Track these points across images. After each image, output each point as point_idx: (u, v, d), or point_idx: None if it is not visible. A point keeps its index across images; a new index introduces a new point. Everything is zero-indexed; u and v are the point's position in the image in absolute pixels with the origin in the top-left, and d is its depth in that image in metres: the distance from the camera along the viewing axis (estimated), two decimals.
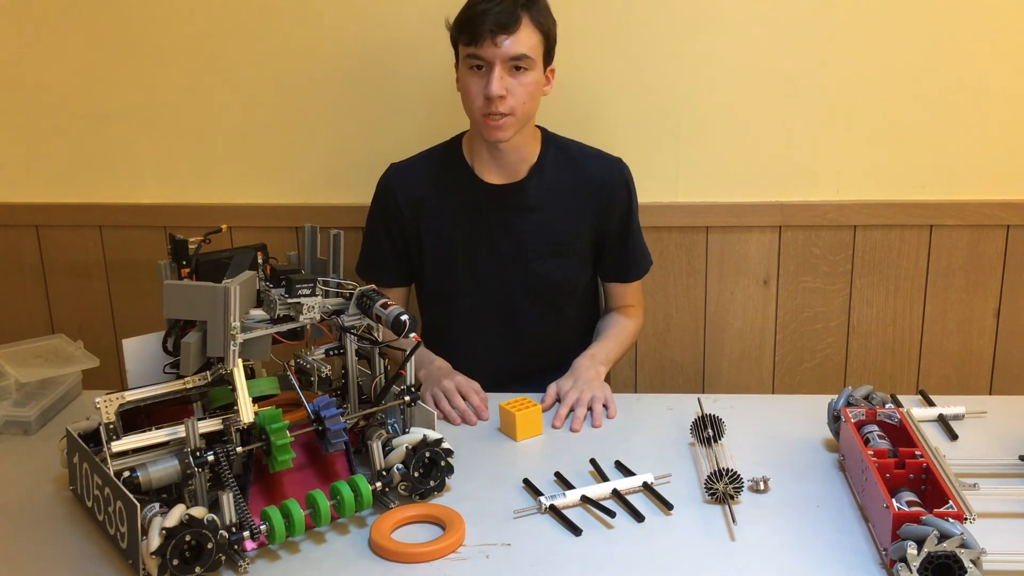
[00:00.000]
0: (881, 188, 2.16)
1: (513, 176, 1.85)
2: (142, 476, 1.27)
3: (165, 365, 1.39)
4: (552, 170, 1.86)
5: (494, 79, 1.68)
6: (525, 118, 1.76)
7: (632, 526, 1.34)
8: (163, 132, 2.23)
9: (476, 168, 1.85)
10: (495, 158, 1.83)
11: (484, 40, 1.67)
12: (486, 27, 1.67)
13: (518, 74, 1.71)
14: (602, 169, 1.88)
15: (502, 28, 1.67)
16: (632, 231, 1.91)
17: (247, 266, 1.43)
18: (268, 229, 2.22)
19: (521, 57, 1.70)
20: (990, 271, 2.19)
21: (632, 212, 1.90)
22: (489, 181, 1.85)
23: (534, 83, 1.74)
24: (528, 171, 1.85)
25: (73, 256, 2.32)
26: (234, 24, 2.15)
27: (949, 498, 1.22)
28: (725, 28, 2.09)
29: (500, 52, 1.68)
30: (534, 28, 1.71)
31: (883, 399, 1.57)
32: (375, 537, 1.30)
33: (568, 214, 1.86)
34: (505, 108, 1.71)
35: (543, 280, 1.86)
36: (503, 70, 1.69)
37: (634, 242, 1.92)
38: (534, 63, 1.72)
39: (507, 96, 1.70)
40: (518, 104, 1.72)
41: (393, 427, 1.47)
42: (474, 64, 1.71)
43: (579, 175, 1.86)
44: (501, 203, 1.85)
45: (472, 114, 1.77)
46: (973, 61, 2.08)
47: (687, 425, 1.58)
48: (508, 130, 1.74)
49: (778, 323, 2.25)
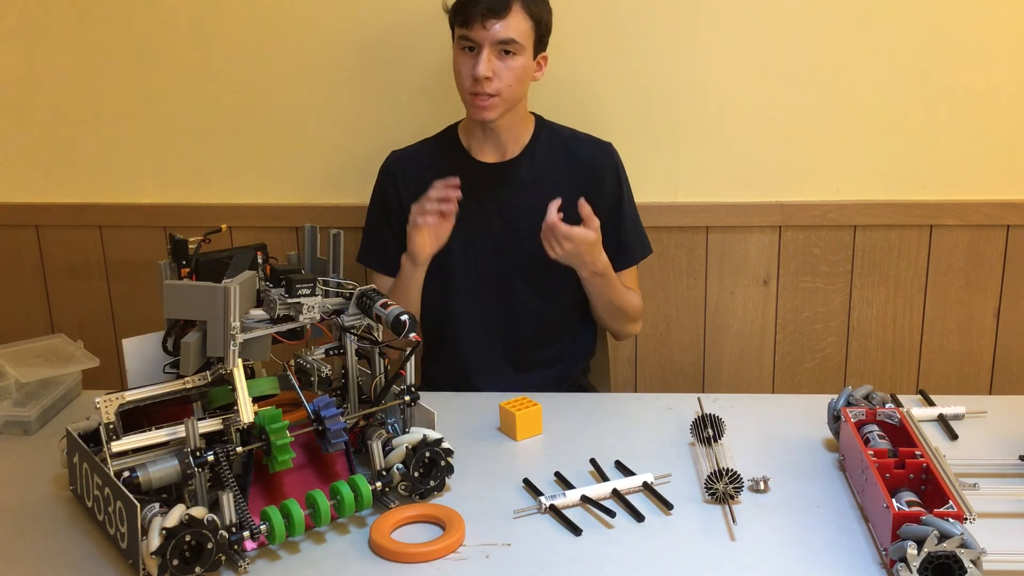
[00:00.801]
0: (881, 188, 2.16)
1: (505, 155, 1.90)
2: (142, 476, 1.27)
3: (165, 365, 1.39)
4: (544, 151, 1.91)
5: (481, 61, 1.75)
6: (512, 100, 1.82)
7: (632, 526, 1.34)
8: (163, 132, 2.23)
9: (471, 148, 1.91)
10: (488, 137, 1.89)
11: (475, 23, 1.75)
12: (478, 11, 1.74)
13: (506, 58, 1.77)
14: (592, 153, 1.92)
15: (492, 12, 1.74)
16: (624, 215, 1.93)
17: (247, 266, 1.43)
18: (268, 229, 2.22)
19: (509, 41, 1.76)
20: (990, 271, 2.19)
21: (622, 196, 1.93)
22: (483, 160, 1.90)
23: (522, 68, 1.79)
24: (521, 151, 1.90)
25: (73, 256, 2.32)
26: (234, 24, 2.15)
27: (949, 498, 1.22)
28: (725, 28, 2.09)
29: (489, 35, 1.75)
30: (525, 15, 1.77)
31: (883, 399, 1.57)
32: (375, 537, 1.30)
33: (559, 194, 1.87)
34: (491, 89, 1.77)
35: (535, 258, 1.86)
36: (491, 53, 1.76)
37: (626, 228, 1.93)
38: (523, 48, 1.78)
39: (493, 78, 1.77)
40: (504, 86, 1.78)
41: (393, 427, 1.47)
42: (465, 45, 1.79)
43: (570, 157, 1.91)
44: (494, 180, 1.90)
45: (462, 94, 1.84)
46: (973, 61, 2.08)
47: (687, 425, 1.58)
48: (493, 111, 1.80)
49: (778, 323, 2.25)
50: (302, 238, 1.55)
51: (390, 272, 1.93)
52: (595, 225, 1.75)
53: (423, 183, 1.88)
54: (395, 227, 1.92)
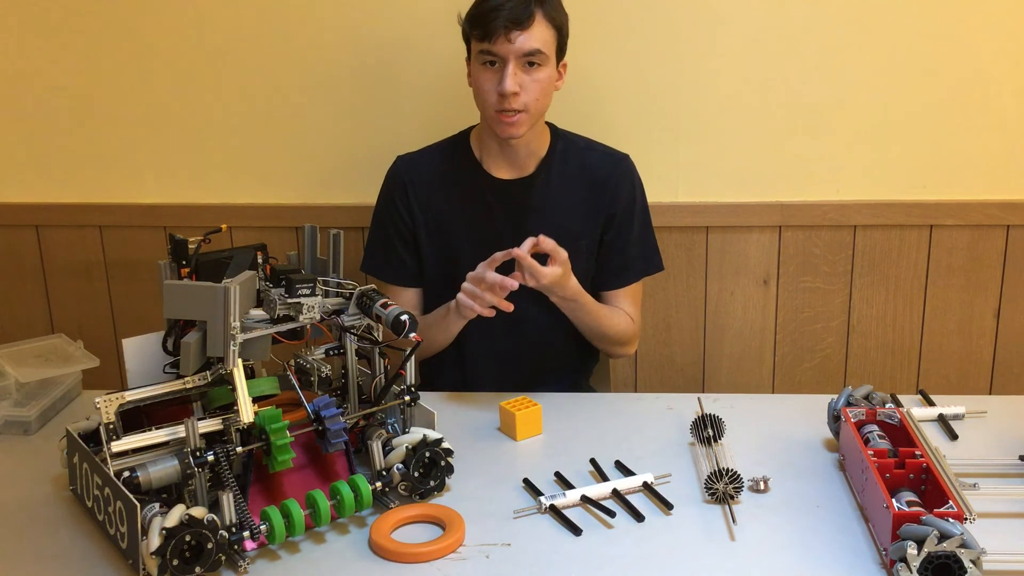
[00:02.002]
0: (881, 188, 2.16)
1: (521, 171, 1.84)
2: (142, 476, 1.27)
3: (165, 365, 1.39)
4: (560, 166, 1.85)
5: (508, 75, 1.67)
6: (538, 114, 1.76)
7: (632, 526, 1.34)
8: (163, 132, 2.23)
9: (485, 163, 1.85)
10: (505, 153, 1.83)
11: (498, 36, 1.66)
12: (500, 23, 1.65)
13: (532, 70, 1.70)
14: (608, 166, 1.87)
15: (516, 24, 1.66)
16: (632, 230, 1.88)
17: (247, 266, 1.43)
18: (268, 229, 2.22)
19: (535, 53, 1.69)
20: (990, 271, 2.19)
21: (634, 210, 1.88)
22: (497, 176, 1.85)
23: (547, 79, 1.73)
24: (536, 166, 1.84)
25: (73, 256, 2.32)
26: (234, 24, 2.15)
27: (949, 498, 1.22)
28: (725, 28, 2.09)
29: (514, 48, 1.67)
30: (547, 23, 1.70)
31: (883, 399, 1.57)
32: (375, 537, 1.30)
33: (575, 210, 1.85)
34: (519, 105, 1.70)
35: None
36: (516, 66, 1.68)
37: (631, 243, 1.88)
38: (547, 59, 1.71)
39: (520, 93, 1.69)
40: (531, 100, 1.71)
41: (393, 427, 1.47)
42: (487, 60, 1.70)
43: (586, 172, 1.86)
44: (508, 198, 1.85)
45: (485, 111, 1.76)
46: (973, 61, 2.08)
47: (687, 425, 1.58)
48: (521, 127, 1.73)
49: (778, 323, 2.25)
50: (302, 238, 1.55)
51: (404, 283, 1.88)
52: (561, 259, 1.67)
53: (434, 194, 1.85)
54: (408, 237, 1.87)
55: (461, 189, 1.86)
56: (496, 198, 1.85)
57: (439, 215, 1.86)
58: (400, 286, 1.90)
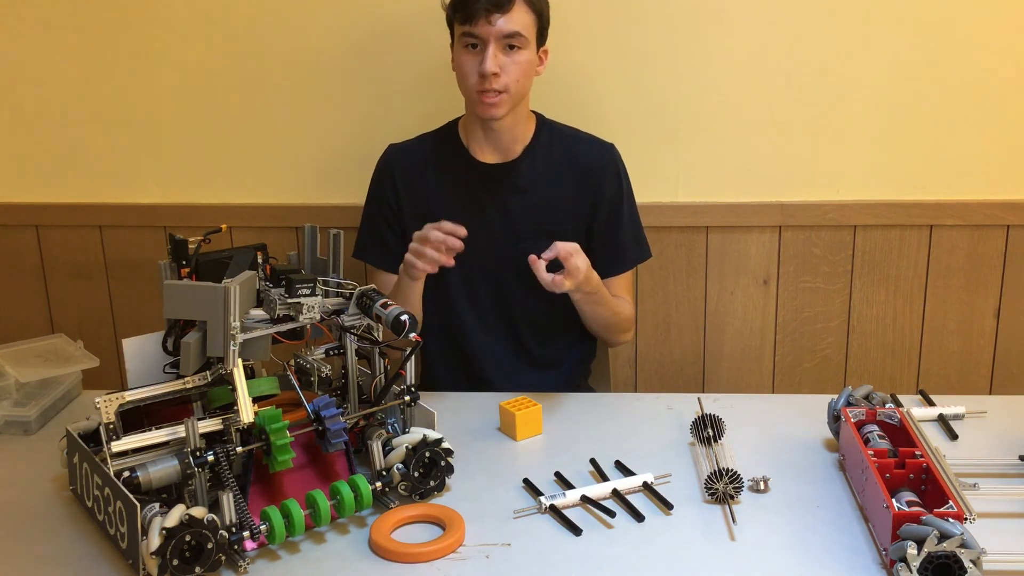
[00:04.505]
0: (881, 188, 2.16)
1: (507, 155, 1.88)
2: (142, 476, 1.27)
3: (165, 365, 1.39)
4: (545, 152, 1.88)
5: (488, 57, 1.73)
6: (519, 96, 1.80)
7: (632, 526, 1.34)
8: (163, 132, 2.23)
9: (471, 148, 1.89)
10: (489, 137, 1.87)
11: (478, 18, 1.72)
12: (480, 5, 1.72)
13: (512, 52, 1.75)
14: (593, 154, 1.90)
15: (496, 7, 1.72)
16: (621, 219, 1.90)
17: (247, 266, 1.43)
18: (268, 229, 2.22)
19: (514, 35, 1.74)
20: (990, 271, 2.19)
21: (622, 198, 1.90)
22: (483, 160, 1.88)
23: (527, 62, 1.78)
24: (522, 151, 1.88)
25: (73, 256, 2.32)
26: (233, 24, 2.15)
27: (949, 498, 1.22)
28: (725, 28, 2.09)
29: (494, 30, 1.73)
30: (527, 8, 1.76)
31: (883, 399, 1.57)
32: (375, 537, 1.30)
33: (560, 196, 1.87)
34: (499, 85, 1.75)
35: None
36: (497, 48, 1.74)
37: (623, 231, 1.91)
38: (527, 42, 1.76)
39: (501, 74, 1.74)
40: (511, 82, 1.76)
41: (393, 427, 1.47)
42: (469, 42, 1.76)
43: (571, 158, 1.89)
44: (494, 182, 1.88)
45: (467, 92, 1.80)
46: (973, 61, 2.08)
47: (687, 425, 1.58)
48: (502, 107, 1.78)
49: (778, 323, 2.25)
50: (302, 238, 1.55)
51: (390, 268, 1.92)
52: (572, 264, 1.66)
53: (421, 181, 1.88)
54: (394, 224, 1.92)
55: (447, 174, 1.89)
56: (481, 181, 1.88)
57: (425, 200, 1.89)
58: (386, 271, 1.93)
